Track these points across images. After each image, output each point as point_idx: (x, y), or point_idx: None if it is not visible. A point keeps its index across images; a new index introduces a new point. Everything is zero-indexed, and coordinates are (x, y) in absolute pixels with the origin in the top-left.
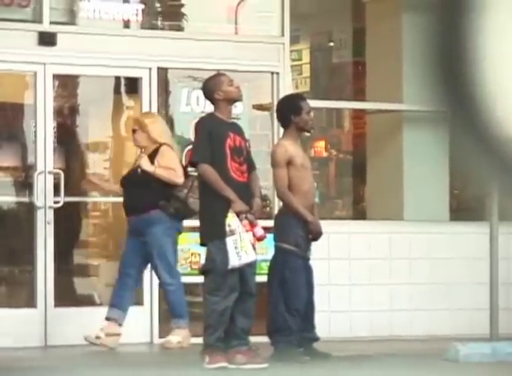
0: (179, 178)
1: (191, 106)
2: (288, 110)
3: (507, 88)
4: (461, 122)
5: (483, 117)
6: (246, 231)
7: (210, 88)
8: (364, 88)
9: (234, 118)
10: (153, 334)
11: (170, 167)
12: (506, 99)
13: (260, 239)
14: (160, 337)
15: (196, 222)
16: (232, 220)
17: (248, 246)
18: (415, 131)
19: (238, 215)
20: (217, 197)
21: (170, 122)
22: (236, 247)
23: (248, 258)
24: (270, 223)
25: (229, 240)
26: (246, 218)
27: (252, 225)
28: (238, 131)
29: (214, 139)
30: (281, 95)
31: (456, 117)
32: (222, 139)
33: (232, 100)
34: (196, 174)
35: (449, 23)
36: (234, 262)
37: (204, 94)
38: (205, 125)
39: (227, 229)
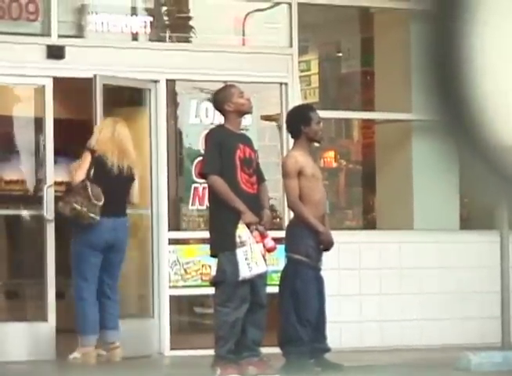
0: (73, 178)
1: (200, 117)
2: (298, 121)
3: (503, 93)
4: (457, 130)
5: (479, 125)
6: (257, 242)
7: (221, 99)
8: (373, 98)
9: (242, 129)
10: (163, 345)
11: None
12: (503, 105)
13: (270, 250)
14: (172, 348)
15: (206, 234)
16: (242, 231)
17: (259, 257)
18: (424, 140)
19: (248, 226)
20: (227, 209)
21: (179, 134)
22: (246, 259)
23: (259, 270)
24: (281, 234)
25: (240, 252)
26: (256, 229)
27: (262, 236)
28: (247, 142)
29: (223, 150)
30: (290, 106)
31: (453, 126)
32: (232, 150)
33: (243, 112)
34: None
35: (442, 29)
36: (245, 273)
37: (214, 105)
38: (215, 137)
39: (237, 240)
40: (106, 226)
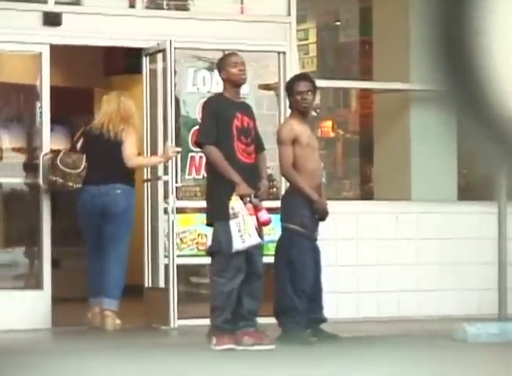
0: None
1: (197, 86)
2: (287, 91)
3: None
4: (464, 101)
5: (485, 96)
6: (250, 215)
7: (218, 67)
8: (371, 68)
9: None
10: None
11: None
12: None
13: (265, 223)
14: (179, 318)
15: (202, 203)
16: (235, 203)
17: (252, 229)
18: (422, 110)
19: (242, 198)
20: (222, 179)
21: (176, 102)
22: (239, 230)
23: (252, 241)
24: (277, 204)
25: (233, 223)
26: (250, 201)
27: (256, 209)
28: (246, 111)
29: (220, 119)
30: (288, 76)
31: (458, 96)
32: (229, 119)
33: (234, 83)
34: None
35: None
36: (238, 245)
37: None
38: (212, 105)
39: (230, 212)
40: (91, 193)
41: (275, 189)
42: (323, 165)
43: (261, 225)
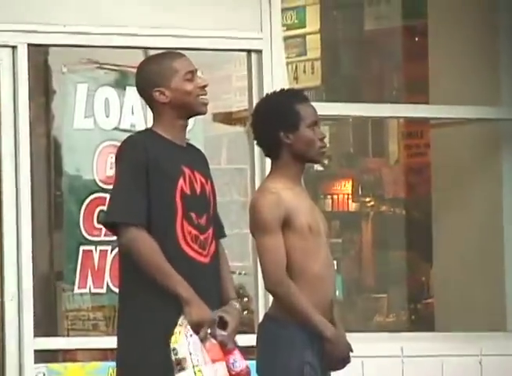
0: None
1: (94, 117)
2: (274, 124)
3: None
4: None
5: None
6: (212, 361)
7: (148, 81)
8: (425, 80)
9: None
10: None
11: None
12: None
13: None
14: None
15: (109, 341)
16: (181, 341)
17: None
18: None
19: (196, 329)
20: (155, 292)
21: (55, 146)
22: None
23: None
24: (251, 340)
25: None
26: (212, 336)
27: (225, 350)
28: (199, 163)
29: (154, 179)
30: (265, 93)
31: None
32: (169, 179)
33: (187, 110)
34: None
35: None
36: None
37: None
38: (137, 153)
39: (172, 357)
40: None
41: (246, 313)
42: (337, 266)
43: None
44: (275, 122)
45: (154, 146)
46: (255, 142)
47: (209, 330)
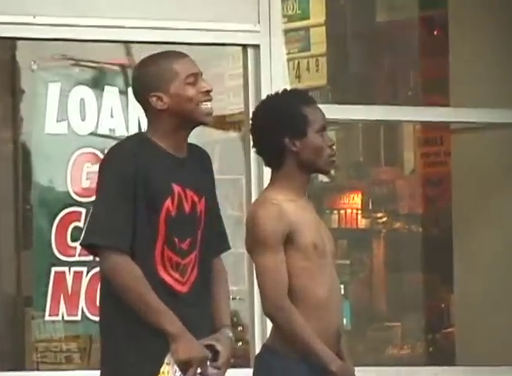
0: None
1: (68, 121)
2: (276, 129)
3: None
4: None
5: None
6: None
7: (146, 84)
8: (445, 81)
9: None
10: None
11: None
12: None
13: None
14: None
15: None
16: None
17: None
18: None
19: (183, 368)
20: (139, 322)
21: (23, 154)
22: None
23: None
24: (248, 375)
25: None
26: (201, 374)
27: None
28: (196, 175)
29: (138, 196)
30: (263, 93)
31: None
32: (156, 197)
33: (189, 119)
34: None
35: None
36: None
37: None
38: (125, 164)
39: None
40: None
41: (240, 344)
42: (345, 291)
43: None
44: (279, 127)
45: (145, 156)
46: (254, 149)
47: (199, 370)
